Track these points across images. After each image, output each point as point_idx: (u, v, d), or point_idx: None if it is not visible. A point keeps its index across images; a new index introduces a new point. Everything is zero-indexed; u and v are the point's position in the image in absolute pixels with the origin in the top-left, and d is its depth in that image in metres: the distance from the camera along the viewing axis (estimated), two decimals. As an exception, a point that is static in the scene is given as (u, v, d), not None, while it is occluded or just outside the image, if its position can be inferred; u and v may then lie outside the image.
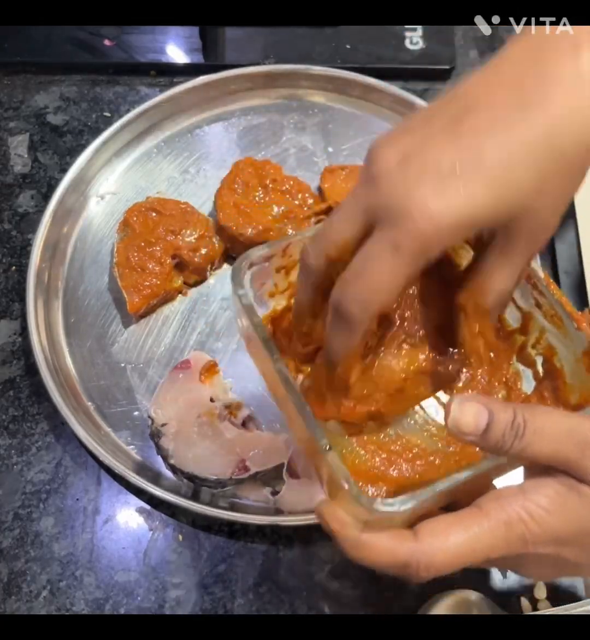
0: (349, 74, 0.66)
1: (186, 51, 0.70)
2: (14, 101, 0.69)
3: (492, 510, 0.30)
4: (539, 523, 0.30)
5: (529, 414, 0.30)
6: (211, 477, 0.48)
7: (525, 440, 0.30)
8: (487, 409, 0.30)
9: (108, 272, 0.59)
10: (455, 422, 0.30)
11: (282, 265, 0.40)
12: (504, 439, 0.30)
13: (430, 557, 0.30)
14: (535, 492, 0.30)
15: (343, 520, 0.31)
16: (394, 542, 0.30)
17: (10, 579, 0.49)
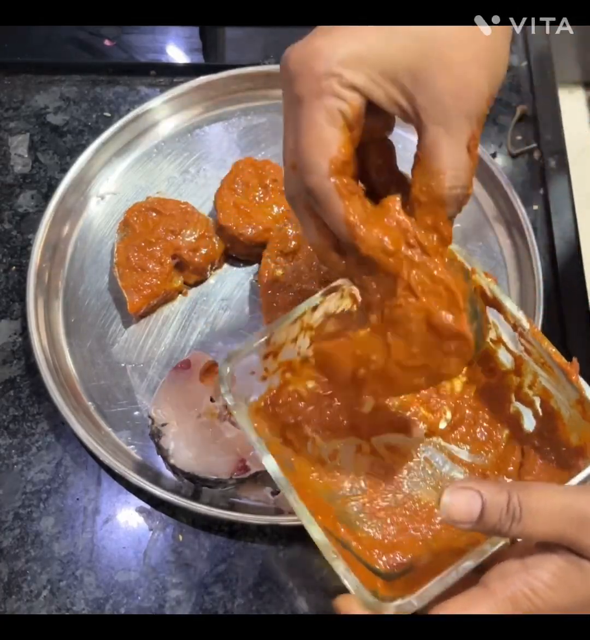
0: (349, 74, 0.66)
1: (186, 51, 0.71)
2: (14, 101, 0.69)
3: (497, 589, 0.31)
4: (543, 599, 0.31)
5: (523, 494, 0.31)
6: (211, 477, 0.48)
7: (523, 523, 0.31)
8: (479, 495, 0.31)
9: (108, 272, 0.59)
10: (447, 512, 0.31)
11: (268, 352, 0.42)
12: (500, 523, 0.31)
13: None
14: (538, 567, 0.31)
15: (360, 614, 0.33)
16: None
17: (11, 578, 0.49)
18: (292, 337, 0.43)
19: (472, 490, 0.31)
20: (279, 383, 0.43)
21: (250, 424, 0.38)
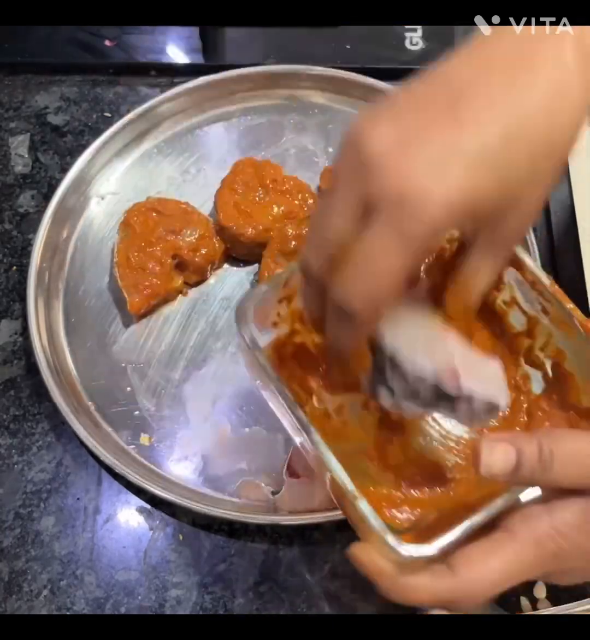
0: (349, 74, 0.66)
1: (186, 51, 0.71)
2: (14, 101, 0.69)
3: (521, 532, 0.31)
4: (567, 538, 0.30)
5: (553, 442, 0.31)
6: (414, 368, 0.35)
7: (554, 471, 0.31)
8: (514, 447, 0.31)
9: (108, 272, 0.59)
10: (488, 468, 0.31)
11: (283, 296, 0.41)
12: (533, 474, 0.31)
13: (471, 590, 0.30)
14: (562, 509, 0.31)
15: (380, 566, 0.32)
16: (433, 581, 0.31)
17: (11, 578, 0.49)
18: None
19: (506, 443, 0.31)
20: (288, 332, 0.42)
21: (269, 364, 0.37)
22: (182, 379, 0.55)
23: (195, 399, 0.55)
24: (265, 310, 0.40)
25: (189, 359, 0.56)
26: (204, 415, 0.54)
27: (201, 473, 0.52)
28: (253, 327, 0.38)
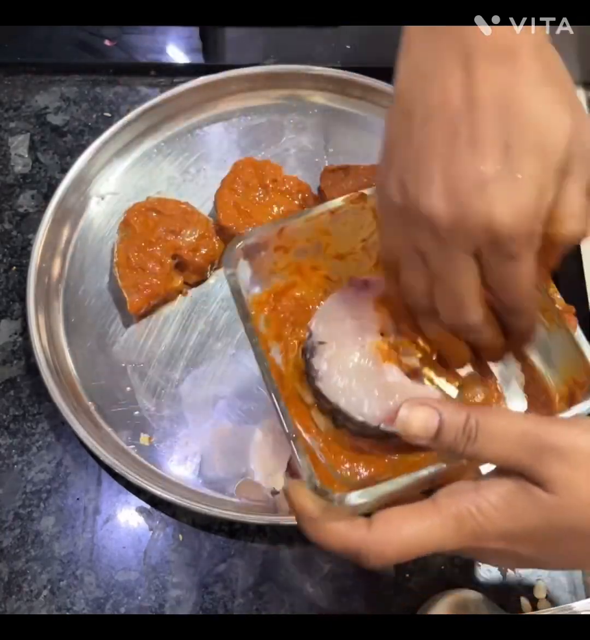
0: (349, 74, 0.66)
1: (186, 51, 0.71)
2: (14, 101, 0.69)
3: (444, 505, 0.31)
4: (487, 518, 0.30)
5: (482, 416, 0.31)
6: (357, 418, 0.40)
7: (479, 444, 0.31)
8: (437, 412, 0.31)
9: (108, 272, 0.59)
10: (403, 425, 0.32)
11: (279, 244, 0.40)
12: (456, 442, 0.31)
13: (381, 547, 0.31)
14: (488, 489, 0.31)
15: (304, 503, 0.32)
16: (348, 529, 0.31)
17: (11, 578, 0.49)
18: (306, 237, 0.41)
19: (430, 407, 0.32)
20: (286, 283, 0.42)
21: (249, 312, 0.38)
22: (182, 379, 0.55)
23: (195, 399, 0.55)
24: (260, 257, 0.40)
25: (189, 359, 0.56)
26: (204, 415, 0.54)
27: (201, 473, 0.52)
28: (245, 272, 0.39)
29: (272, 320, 0.41)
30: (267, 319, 0.41)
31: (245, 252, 0.39)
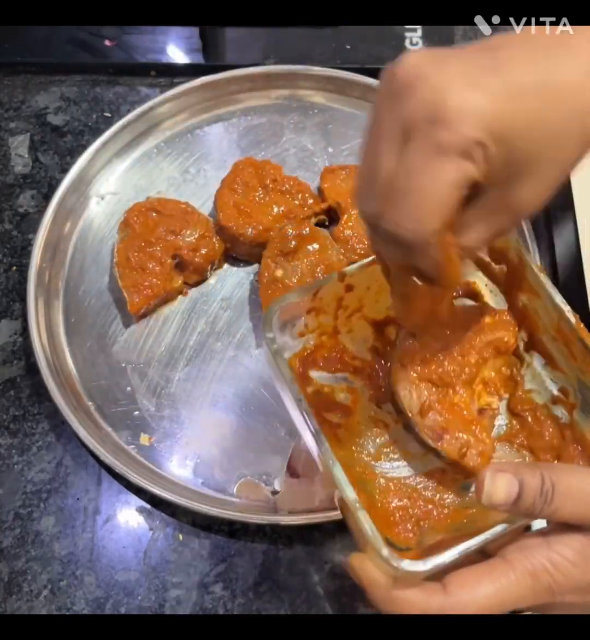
0: (349, 74, 0.66)
1: (186, 51, 0.71)
2: (14, 101, 0.69)
3: (517, 561, 0.31)
4: (564, 574, 0.30)
5: (555, 476, 0.31)
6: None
7: (554, 505, 0.31)
8: (517, 478, 0.31)
9: (108, 272, 0.59)
10: (489, 497, 0.31)
11: (312, 307, 0.41)
12: (534, 506, 0.31)
13: (460, 611, 0.31)
14: (560, 543, 0.31)
15: (373, 577, 0.32)
16: (424, 596, 0.31)
17: (11, 578, 0.49)
18: (338, 296, 0.41)
19: (509, 474, 0.31)
20: (314, 344, 0.42)
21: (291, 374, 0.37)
22: (182, 379, 0.55)
23: (195, 399, 0.55)
24: (293, 319, 0.41)
25: (189, 359, 0.56)
26: (204, 416, 0.54)
27: (201, 473, 0.52)
28: (278, 335, 0.39)
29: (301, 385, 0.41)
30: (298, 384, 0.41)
31: (280, 314, 0.39)
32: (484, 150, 0.28)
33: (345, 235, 0.57)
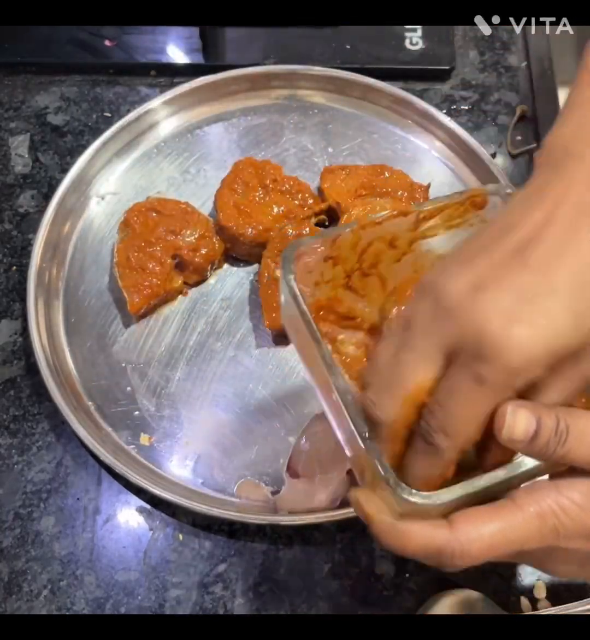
0: (349, 74, 0.66)
1: (186, 51, 0.71)
2: (14, 101, 0.69)
3: (525, 503, 0.31)
4: (571, 517, 0.30)
5: (571, 419, 0.31)
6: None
7: (568, 446, 0.31)
8: (534, 416, 0.31)
9: (108, 272, 0.59)
10: (509, 430, 0.31)
11: (330, 255, 0.39)
12: (548, 446, 0.31)
13: (466, 545, 0.30)
14: (570, 487, 0.31)
15: (379, 507, 0.31)
16: (430, 529, 0.31)
17: (11, 578, 0.49)
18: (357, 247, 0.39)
19: (529, 410, 0.31)
20: (329, 296, 0.40)
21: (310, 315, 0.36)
22: (182, 379, 0.55)
23: (195, 399, 0.55)
24: (309, 265, 0.39)
25: (189, 359, 0.56)
26: (204, 416, 0.54)
27: (201, 473, 0.52)
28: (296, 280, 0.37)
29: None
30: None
31: (300, 258, 0.38)
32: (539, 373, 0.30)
33: (345, 235, 0.57)
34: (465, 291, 0.30)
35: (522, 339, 0.29)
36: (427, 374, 0.31)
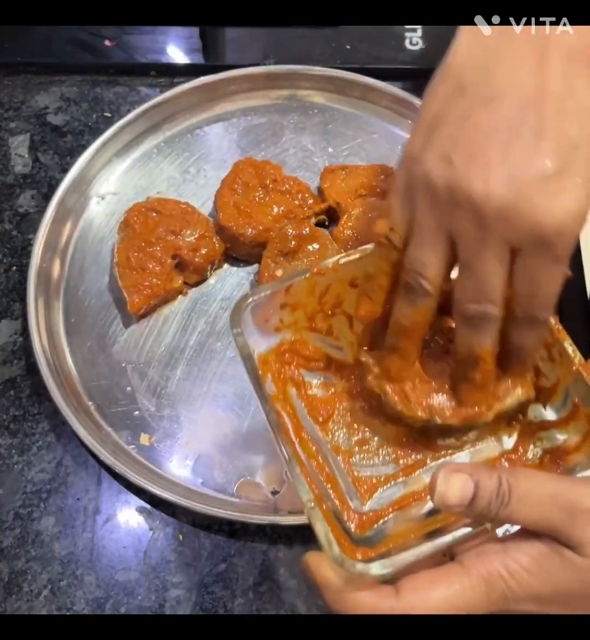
0: (349, 74, 0.66)
1: (186, 51, 0.71)
2: (14, 101, 0.69)
3: (473, 567, 0.30)
4: (518, 582, 0.30)
5: (513, 479, 0.30)
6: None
7: (511, 508, 0.30)
8: (472, 479, 0.30)
9: (108, 272, 0.59)
10: (441, 497, 0.30)
11: (286, 302, 0.40)
12: (489, 508, 0.30)
13: (410, 613, 0.30)
14: (517, 551, 0.30)
15: (326, 576, 0.32)
16: (376, 600, 0.31)
17: (11, 578, 0.49)
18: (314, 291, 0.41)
19: (465, 475, 0.31)
20: (292, 340, 0.41)
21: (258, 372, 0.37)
22: (182, 379, 0.55)
23: (195, 399, 0.55)
24: (266, 314, 0.40)
25: (189, 359, 0.56)
26: (203, 415, 0.54)
27: (201, 473, 0.52)
28: (250, 330, 0.38)
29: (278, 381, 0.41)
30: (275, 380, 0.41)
31: (253, 309, 0.39)
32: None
33: (345, 235, 0.57)
34: (499, 188, 0.30)
35: (576, 205, 0.30)
36: (506, 270, 0.32)
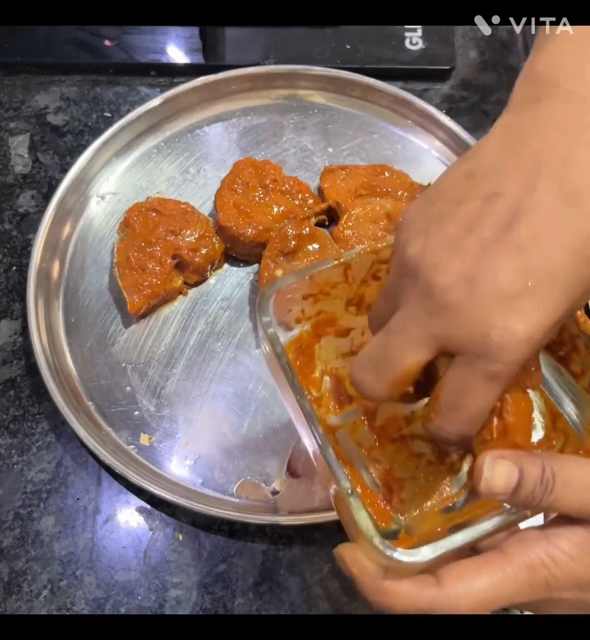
0: (349, 74, 0.66)
1: (186, 51, 0.71)
2: (14, 101, 0.69)
3: (515, 555, 0.30)
4: (562, 569, 0.30)
5: (557, 466, 0.30)
6: None
7: (554, 495, 0.30)
8: (517, 466, 0.30)
9: (108, 272, 0.59)
10: (488, 485, 0.30)
11: (309, 292, 0.40)
12: (533, 495, 0.30)
13: (454, 602, 0.30)
14: (559, 537, 0.30)
15: (363, 566, 0.31)
16: (416, 588, 0.30)
17: (11, 578, 0.49)
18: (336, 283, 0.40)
19: (509, 461, 0.30)
20: (311, 331, 0.41)
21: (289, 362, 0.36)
22: (182, 379, 0.55)
23: (195, 399, 0.55)
24: (288, 304, 0.39)
25: (189, 359, 0.56)
26: (203, 415, 0.54)
27: (201, 473, 0.52)
28: (275, 320, 0.37)
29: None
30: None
31: (276, 298, 0.38)
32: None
33: (345, 235, 0.57)
34: (458, 286, 0.29)
35: (528, 330, 0.28)
36: (418, 358, 0.30)
